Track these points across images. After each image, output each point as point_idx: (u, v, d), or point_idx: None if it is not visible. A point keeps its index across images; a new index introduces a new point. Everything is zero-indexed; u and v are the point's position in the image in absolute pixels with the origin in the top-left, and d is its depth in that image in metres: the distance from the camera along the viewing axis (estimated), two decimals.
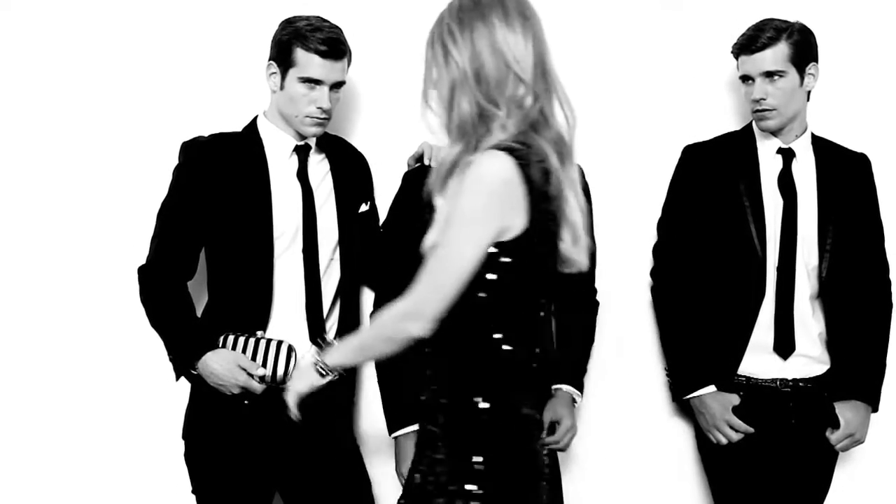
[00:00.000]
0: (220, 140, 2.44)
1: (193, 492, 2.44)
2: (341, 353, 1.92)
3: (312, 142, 2.45)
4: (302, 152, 2.44)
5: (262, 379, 2.28)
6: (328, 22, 2.37)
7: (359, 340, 1.92)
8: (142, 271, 2.42)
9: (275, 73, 2.39)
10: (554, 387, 2.55)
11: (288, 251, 2.39)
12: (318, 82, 2.34)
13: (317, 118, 2.37)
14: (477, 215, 1.71)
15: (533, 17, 1.81)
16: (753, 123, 2.60)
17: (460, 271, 1.72)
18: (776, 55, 2.47)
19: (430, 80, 1.83)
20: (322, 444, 2.43)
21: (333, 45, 2.33)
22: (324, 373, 1.92)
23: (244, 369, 2.28)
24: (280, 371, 2.28)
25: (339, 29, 2.37)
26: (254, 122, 2.47)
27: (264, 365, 2.28)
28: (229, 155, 2.40)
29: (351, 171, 2.54)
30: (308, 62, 2.33)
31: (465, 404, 1.79)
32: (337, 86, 2.38)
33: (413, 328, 1.75)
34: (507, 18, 1.77)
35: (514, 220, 1.73)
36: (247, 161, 2.40)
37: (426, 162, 2.50)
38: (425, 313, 1.74)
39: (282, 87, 2.38)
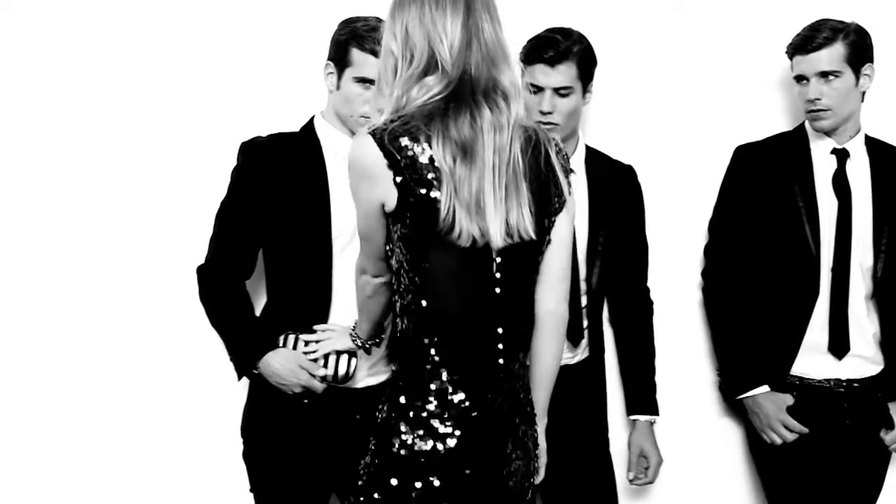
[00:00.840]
0: (278, 140, 2.44)
1: (251, 490, 2.45)
2: (359, 321, 2.19)
3: None
4: None
5: (323, 379, 2.29)
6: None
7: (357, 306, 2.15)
8: (201, 271, 2.44)
9: (332, 73, 2.40)
10: (631, 417, 2.60)
11: (345, 251, 2.38)
12: (372, 82, 2.33)
13: (370, 118, 2.37)
14: (353, 191, 1.91)
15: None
16: (806, 123, 2.60)
17: (364, 237, 1.96)
18: (832, 55, 2.47)
19: (379, 80, 1.89)
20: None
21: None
22: (355, 339, 2.22)
23: (305, 369, 2.29)
24: (342, 370, 2.29)
25: None
26: (311, 123, 2.47)
27: (325, 364, 2.30)
28: (287, 155, 2.41)
29: None
30: (363, 62, 2.33)
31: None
32: None
33: (362, 274, 2.04)
34: (437, 2, 1.81)
35: (384, 193, 1.83)
36: (305, 161, 2.41)
37: None
38: (361, 265, 2.03)
39: (338, 87, 2.39)
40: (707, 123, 2.80)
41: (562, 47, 2.39)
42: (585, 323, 2.54)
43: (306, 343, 2.32)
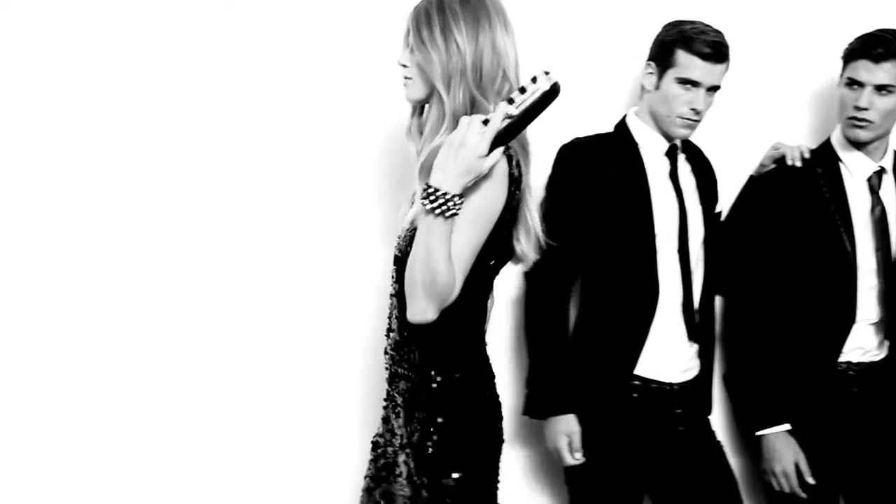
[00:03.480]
0: (594, 141, 2.49)
1: (566, 482, 2.50)
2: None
3: (678, 143, 2.50)
4: (672, 153, 2.48)
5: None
6: (712, 27, 2.40)
7: (430, 247, 1.71)
8: (527, 276, 2.49)
9: (652, 72, 2.43)
10: None
11: (663, 251, 2.43)
12: (695, 84, 2.38)
13: (689, 119, 2.40)
14: (489, 202, 1.77)
15: (512, 24, 1.88)
16: None
17: (473, 252, 1.77)
18: None
19: (423, 59, 1.84)
20: (690, 442, 2.48)
21: (717, 48, 2.36)
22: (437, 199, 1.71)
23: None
24: None
25: (723, 34, 2.40)
26: (623, 122, 2.51)
27: None
28: (605, 156, 2.45)
29: (705, 172, 2.58)
30: (689, 64, 2.36)
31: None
32: (713, 89, 2.41)
33: (431, 313, 1.75)
34: (502, 20, 1.85)
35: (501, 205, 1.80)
36: (623, 161, 2.45)
37: (790, 162, 2.54)
38: (449, 298, 1.76)
39: (657, 87, 2.43)
40: None
41: (892, 46, 2.41)
42: None
43: None
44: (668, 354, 2.44)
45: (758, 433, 2.52)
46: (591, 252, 2.43)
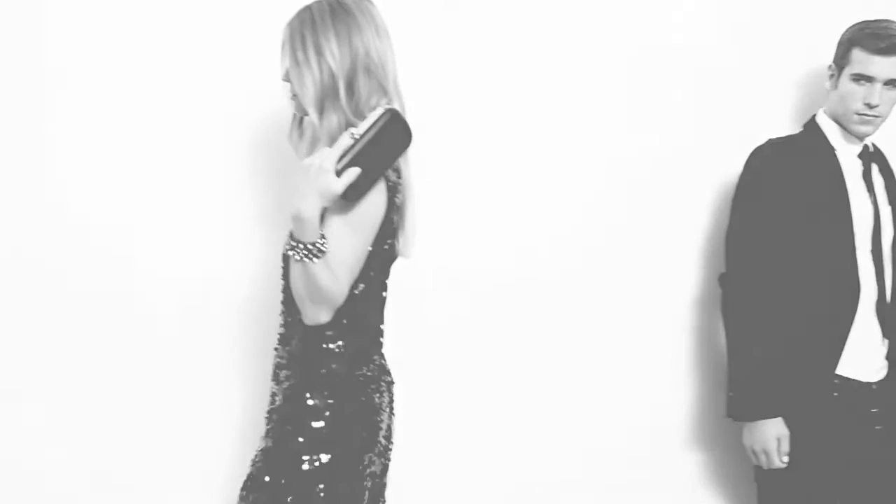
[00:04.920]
0: (789, 143, 2.52)
1: (756, 480, 2.50)
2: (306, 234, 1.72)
3: (868, 141, 2.51)
4: (864, 154, 2.49)
5: None
6: (894, 22, 2.41)
7: (307, 272, 1.73)
8: (723, 279, 2.52)
9: (832, 74, 2.47)
10: None
11: (859, 251, 2.42)
12: (869, 79, 2.39)
13: (865, 115, 2.41)
14: (370, 209, 1.79)
15: (385, 26, 1.86)
16: None
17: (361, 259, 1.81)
18: None
19: (299, 80, 1.83)
20: (887, 442, 2.44)
21: (893, 41, 2.37)
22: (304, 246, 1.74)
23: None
24: None
25: None
26: (814, 123, 2.53)
27: None
28: (801, 157, 2.47)
29: (888, 172, 2.56)
30: (862, 60, 2.38)
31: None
32: (892, 83, 2.40)
33: (324, 316, 1.78)
34: (377, 28, 1.82)
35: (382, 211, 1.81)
36: (820, 163, 2.46)
37: None
38: (339, 302, 1.78)
39: (835, 87, 2.45)
40: None
41: None
42: None
43: None
44: (865, 353, 2.43)
45: None
46: (790, 252, 2.43)
